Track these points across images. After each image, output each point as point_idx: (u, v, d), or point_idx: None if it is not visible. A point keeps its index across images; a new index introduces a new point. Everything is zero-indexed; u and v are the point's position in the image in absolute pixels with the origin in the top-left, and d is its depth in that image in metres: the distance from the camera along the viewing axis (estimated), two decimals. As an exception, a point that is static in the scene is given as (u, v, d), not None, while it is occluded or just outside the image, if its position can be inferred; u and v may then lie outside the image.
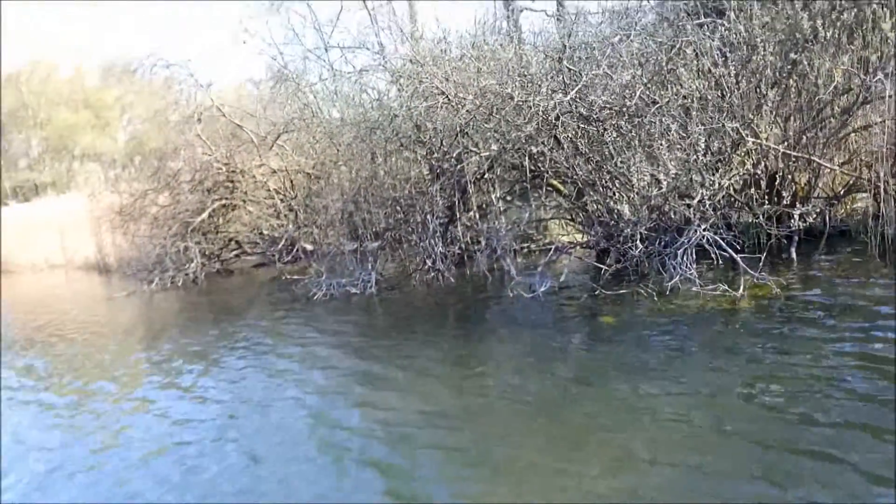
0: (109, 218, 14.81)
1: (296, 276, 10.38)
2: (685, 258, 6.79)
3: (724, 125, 6.74)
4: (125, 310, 11.33)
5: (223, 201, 13.33)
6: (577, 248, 9.06)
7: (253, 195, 13.39)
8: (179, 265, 12.75)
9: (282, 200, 13.01)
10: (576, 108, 7.53)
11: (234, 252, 14.07)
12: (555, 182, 8.73)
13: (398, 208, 9.56)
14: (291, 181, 13.05)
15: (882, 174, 6.79)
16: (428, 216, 9.01)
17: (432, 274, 8.98)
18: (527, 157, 7.90)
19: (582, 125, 7.62)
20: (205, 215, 13.08)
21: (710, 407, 4.20)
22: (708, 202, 6.85)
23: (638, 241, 6.95)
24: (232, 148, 12.98)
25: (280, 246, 12.40)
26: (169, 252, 12.84)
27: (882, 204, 6.81)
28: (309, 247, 11.83)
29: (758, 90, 7.17)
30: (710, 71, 7.11)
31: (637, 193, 7.02)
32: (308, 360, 6.58)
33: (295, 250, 12.16)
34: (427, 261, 9.10)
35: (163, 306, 11.38)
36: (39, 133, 34.24)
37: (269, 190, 13.15)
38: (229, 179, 13.24)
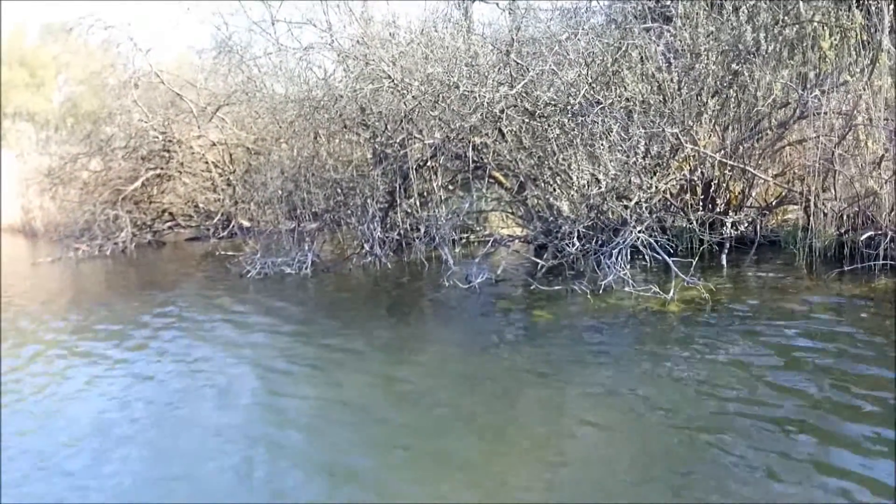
0: (38, 180, 14.24)
1: (230, 253, 10.19)
2: (620, 258, 6.89)
3: (664, 130, 6.85)
4: (49, 276, 10.96)
5: (158, 171, 12.95)
6: (516, 241, 9.12)
7: (189, 167, 13.04)
8: (109, 233, 12.35)
9: (220, 174, 12.72)
10: (521, 102, 7.54)
11: (168, 224, 13.70)
12: (497, 174, 8.75)
13: (339, 190, 9.45)
14: (230, 155, 12.77)
15: (813, 188, 7.01)
16: (368, 200, 8.92)
17: (370, 258, 8.92)
18: (470, 148, 7.89)
19: (526, 120, 7.64)
20: (138, 184, 12.70)
21: (631, 406, 4.27)
22: (644, 204, 6.96)
23: (575, 239, 7.01)
24: (170, 117, 12.58)
25: (215, 220, 12.14)
26: (98, 219, 12.41)
27: (811, 217, 7.04)
28: (245, 223, 11.61)
29: (699, 98, 7.30)
30: (653, 75, 7.21)
31: (577, 191, 7.08)
32: (232, 339, 6.47)
33: (231, 226, 11.90)
34: (365, 245, 9.03)
35: (89, 274, 11.06)
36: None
37: (206, 162, 12.82)
38: (165, 149, 12.85)
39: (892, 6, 6.74)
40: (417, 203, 8.94)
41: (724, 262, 7.42)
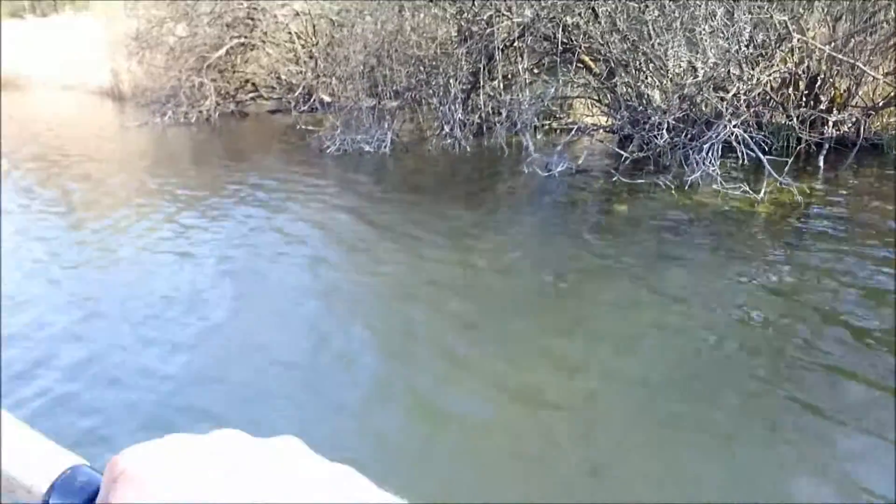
0: (125, 43, 14.36)
1: (311, 127, 10.20)
2: (710, 153, 6.60)
3: (772, 17, 6.38)
4: (136, 141, 11.22)
5: (242, 39, 12.89)
6: (601, 131, 8.81)
7: (273, 37, 12.94)
8: (194, 101, 12.48)
9: (302, 46, 12.59)
10: (619, -20, 7.12)
11: (251, 94, 13.75)
12: (586, 58, 8.38)
13: (421, 68, 9.25)
14: (314, 26, 12.58)
15: (928, 89, 6.50)
16: (451, 80, 8.72)
17: (449, 140, 8.79)
18: (560, 29, 7.54)
19: None
20: (222, 52, 12.69)
21: (703, 308, 4.17)
22: (743, 97, 6.59)
23: (664, 131, 6.73)
24: (255, -17, 12.45)
25: (297, 93, 12.10)
26: (184, 86, 12.53)
27: (921, 120, 6.56)
28: (327, 98, 11.54)
29: (814, -17, 6.75)
30: (767, -44, 6.67)
31: (671, 80, 6.74)
32: (311, 214, 6.58)
33: (312, 100, 11.85)
34: (445, 126, 8.89)
35: (174, 141, 11.29)
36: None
37: (289, 33, 12.69)
38: (249, 17, 12.75)
39: None
40: (501, 86, 8.69)
41: (822, 163, 7.03)
